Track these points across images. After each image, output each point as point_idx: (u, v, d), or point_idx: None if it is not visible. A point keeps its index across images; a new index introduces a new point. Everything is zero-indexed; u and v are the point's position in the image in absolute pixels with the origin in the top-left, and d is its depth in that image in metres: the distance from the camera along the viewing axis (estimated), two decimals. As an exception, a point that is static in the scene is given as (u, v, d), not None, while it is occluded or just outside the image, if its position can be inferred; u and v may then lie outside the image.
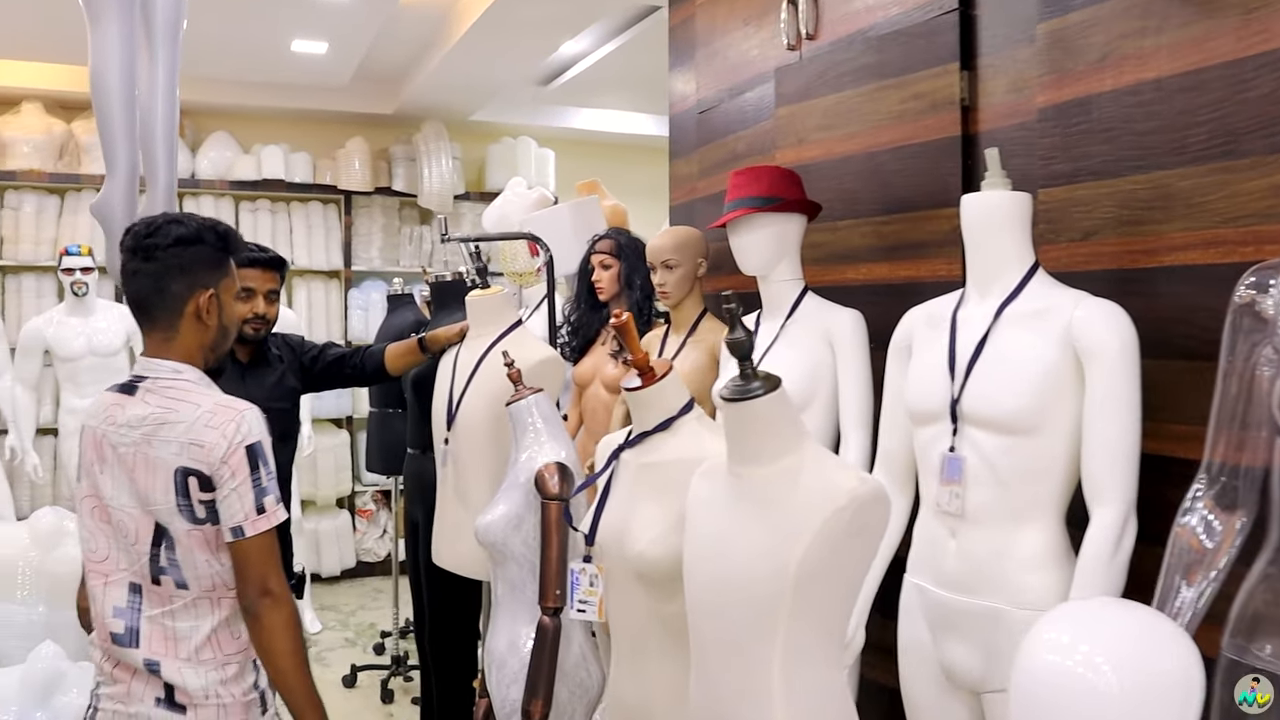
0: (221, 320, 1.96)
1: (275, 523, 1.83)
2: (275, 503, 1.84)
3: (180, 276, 1.90)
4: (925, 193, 2.53)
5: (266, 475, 1.83)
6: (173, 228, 1.91)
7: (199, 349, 1.94)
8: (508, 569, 2.28)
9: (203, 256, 1.92)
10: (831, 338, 2.44)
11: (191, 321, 1.91)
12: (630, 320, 1.77)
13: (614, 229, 3.63)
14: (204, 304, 1.91)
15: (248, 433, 1.82)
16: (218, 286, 1.94)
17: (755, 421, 1.44)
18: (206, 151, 6.34)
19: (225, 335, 2.00)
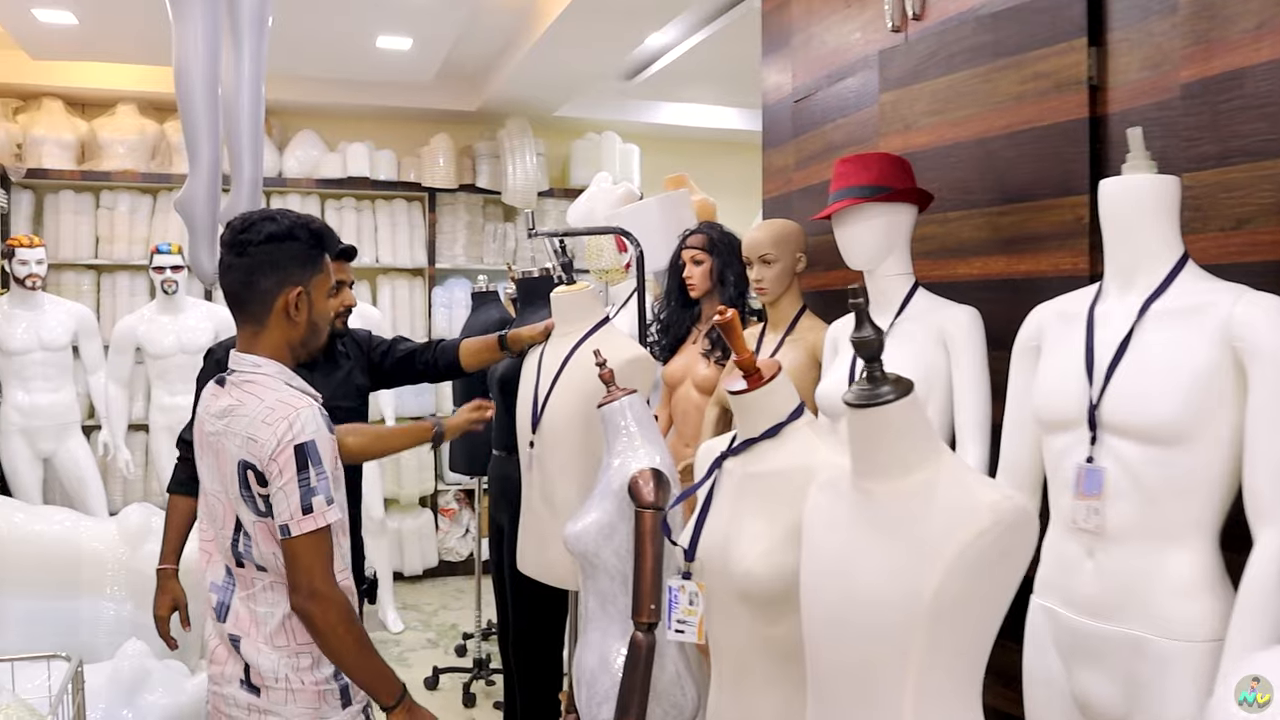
0: (311, 316, 1.98)
1: (322, 524, 1.82)
2: (325, 504, 1.82)
3: (270, 273, 1.92)
4: (1047, 180, 2.34)
5: (317, 475, 1.81)
6: (265, 224, 1.93)
7: (287, 344, 1.96)
8: (598, 580, 2.16)
9: (294, 253, 1.93)
10: (946, 336, 2.27)
11: (280, 317, 1.94)
12: (736, 317, 1.63)
13: (706, 223, 3.49)
14: (293, 300, 1.93)
15: (299, 431, 1.82)
16: (309, 283, 1.96)
17: (886, 430, 1.29)
18: (293, 150, 6.36)
19: (315, 331, 2.00)
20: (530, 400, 2.54)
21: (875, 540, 1.29)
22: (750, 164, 7.18)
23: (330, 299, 2.39)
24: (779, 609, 1.58)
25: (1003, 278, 2.45)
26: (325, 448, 1.84)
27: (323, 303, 2.01)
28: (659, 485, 2.09)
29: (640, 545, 2.06)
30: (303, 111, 6.50)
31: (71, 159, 6.03)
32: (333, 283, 2.06)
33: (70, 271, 6.01)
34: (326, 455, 1.84)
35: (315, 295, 1.98)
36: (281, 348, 1.95)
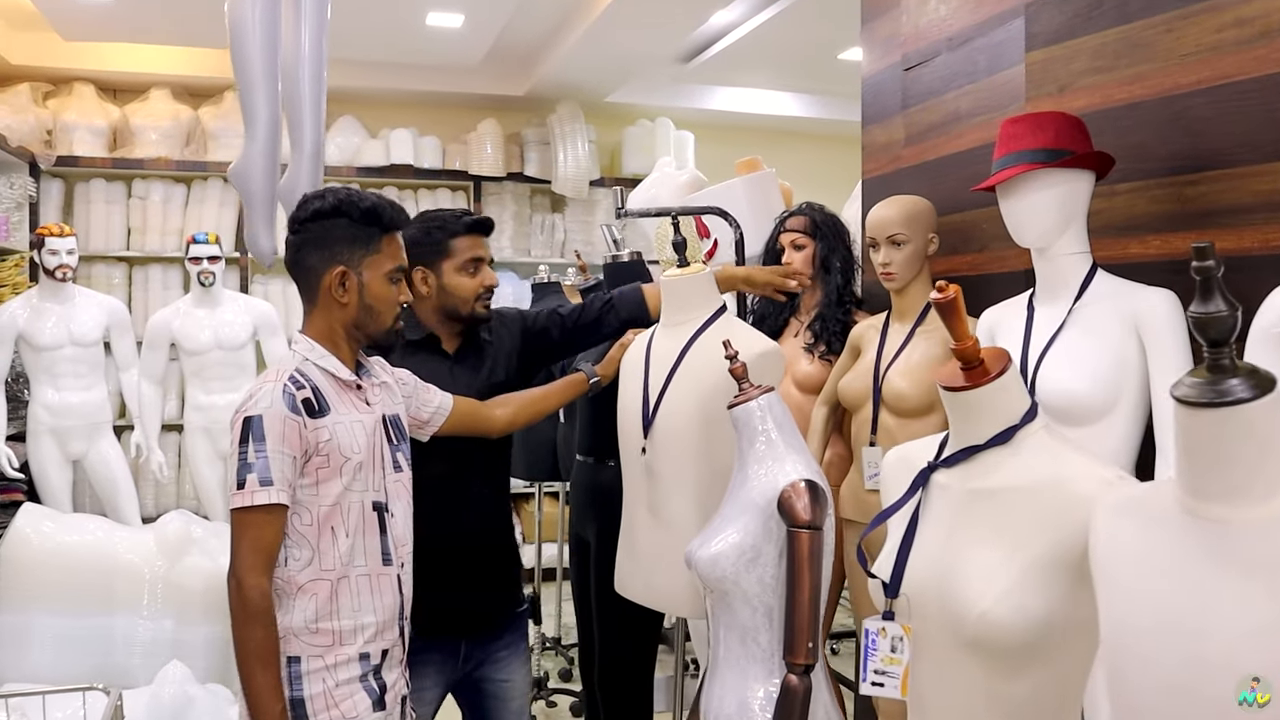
0: (363, 298, 1.90)
1: (248, 503, 1.74)
2: (258, 483, 1.74)
3: (314, 251, 1.88)
4: (1252, 143, 1.99)
5: (256, 452, 1.75)
6: (314, 201, 1.89)
7: (338, 326, 1.90)
8: (737, 612, 1.83)
9: (340, 232, 1.88)
10: (1140, 325, 1.92)
11: (327, 298, 1.89)
12: (960, 295, 1.29)
13: (807, 204, 3.16)
14: (335, 280, 1.87)
15: (253, 405, 1.78)
16: (358, 264, 1.89)
17: (1242, 438, 0.95)
18: (333, 137, 6.06)
19: (372, 315, 1.91)
20: (639, 399, 2.20)
21: (1238, 587, 0.95)
22: (809, 153, 6.93)
23: (466, 277, 2.31)
24: (1021, 661, 1.25)
25: (1191, 258, 2.10)
26: (274, 427, 1.76)
27: (380, 285, 1.91)
28: (815, 500, 1.76)
29: (796, 572, 1.72)
30: (343, 96, 6.18)
31: (103, 146, 5.75)
32: (394, 266, 1.93)
33: (101, 264, 5.74)
34: (273, 435, 1.75)
35: (369, 276, 1.90)
36: (328, 329, 1.90)
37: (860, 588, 2.61)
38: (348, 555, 1.85)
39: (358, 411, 1.90)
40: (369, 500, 1.89)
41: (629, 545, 2.31)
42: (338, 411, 1.85)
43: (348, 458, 1.84)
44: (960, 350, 1.31)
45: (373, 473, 1.89)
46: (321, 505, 1.83)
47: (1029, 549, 1.24)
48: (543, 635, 4.64)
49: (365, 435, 1.88)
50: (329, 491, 1.83)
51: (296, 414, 1.78)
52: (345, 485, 1.84)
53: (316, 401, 1.83)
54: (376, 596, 1.90)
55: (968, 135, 2.81)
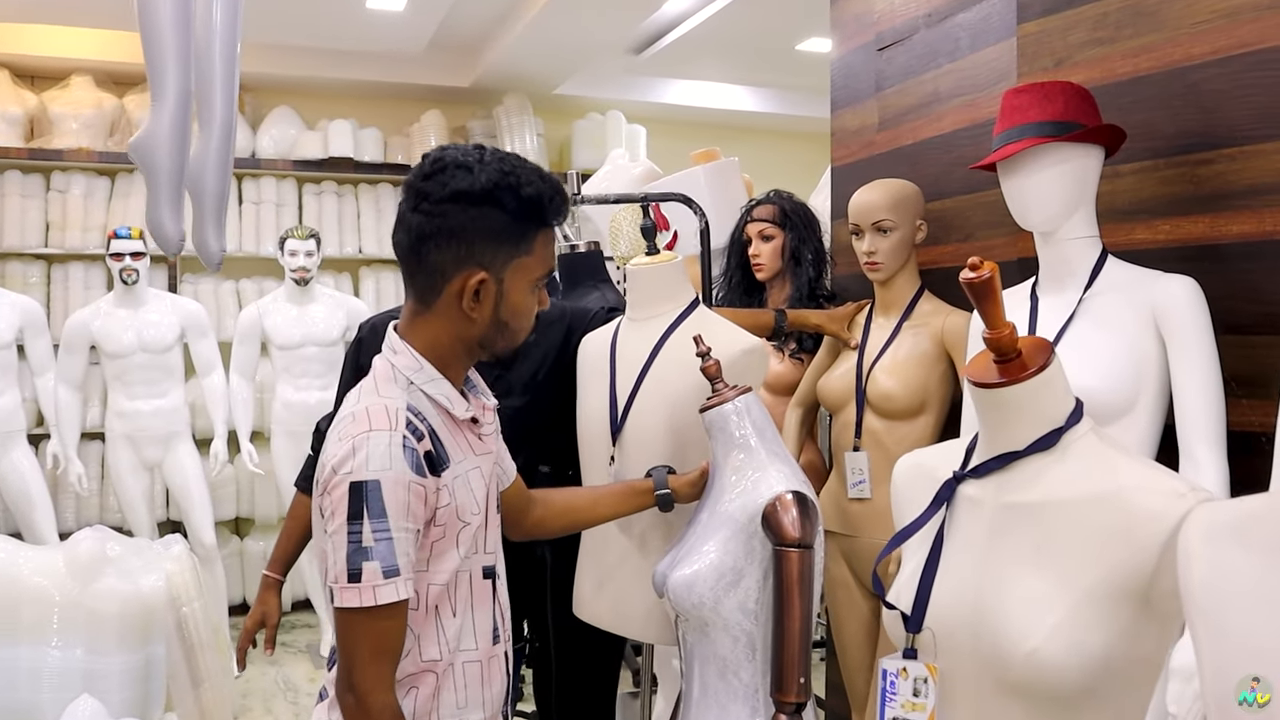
0: (499, 314, 1.43)
1: (370, 603, 1.30)
2: (381, 574, 1.30)
3: (448, 244, 1.38)
4: (1273, 117, 1.82)
5: (375, 533, 1.30)
6: (458, 175, 1.38)
7: (457, 340, 1.44)
8: (715, 642, 1.61)
9: (488, 224, 1.38)
10: (1159, 315, 1.74)
11: (452, 304, 1.41)
12: (996, 273, 1.09)
13: (775, 192, 2.96)
14: (471, 288, 1.39)
15: (362, 464, 1.31)
16: (502, 269, 1.41)
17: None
18: (268, 129, 5.74)
19: (504, 332, 1.46)
20: (605, 403, 1.97)
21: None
22: (766, 149, 6.74)
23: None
24: (1073, 707, 1.05)
25: (1204, 243, 1.93)
26: (397, 497, 1.31)
27: (522, 295, 1.44)
28: (805, 515, 1.54)
29: (785, 597, 1.51)
30: (279, 86, 5.88)
31: (18, 136, 5.37)
32: (544, 272, 1.47)
33: (16, 261, 5.36)
34: (396, 508, 1.31)
35: (511, 284, 1.42)
36: (444, 342, 1.44)
37: (843, 605, 2.40)
38: (455, 639, 1.45)
39: (475, 455, 1.47)
40: (479, 566, 1.49)
41: (593, 566, 2.07)
42: (455, 461, 1.41)
43: (466, 522, 1.43)
44: (996, 340, 1.10)
45: (485, 531, 1.49)
46: (433, 585, 1.41)
47: (1084, 575, 1.04)
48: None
49: (484, 486, 1.48)
50: (444, 568, 1.41)
51: (421, 476, 1.34)
52: (464, 555, 1.43)
53: (437, 453, 1.38)
54: (486, 687, 1.49)
55: (948, 117, 2.62)
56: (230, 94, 2.67)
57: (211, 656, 3.31)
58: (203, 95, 2.57)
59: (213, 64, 2.59)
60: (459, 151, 1.41)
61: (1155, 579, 1.01)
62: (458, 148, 1.43)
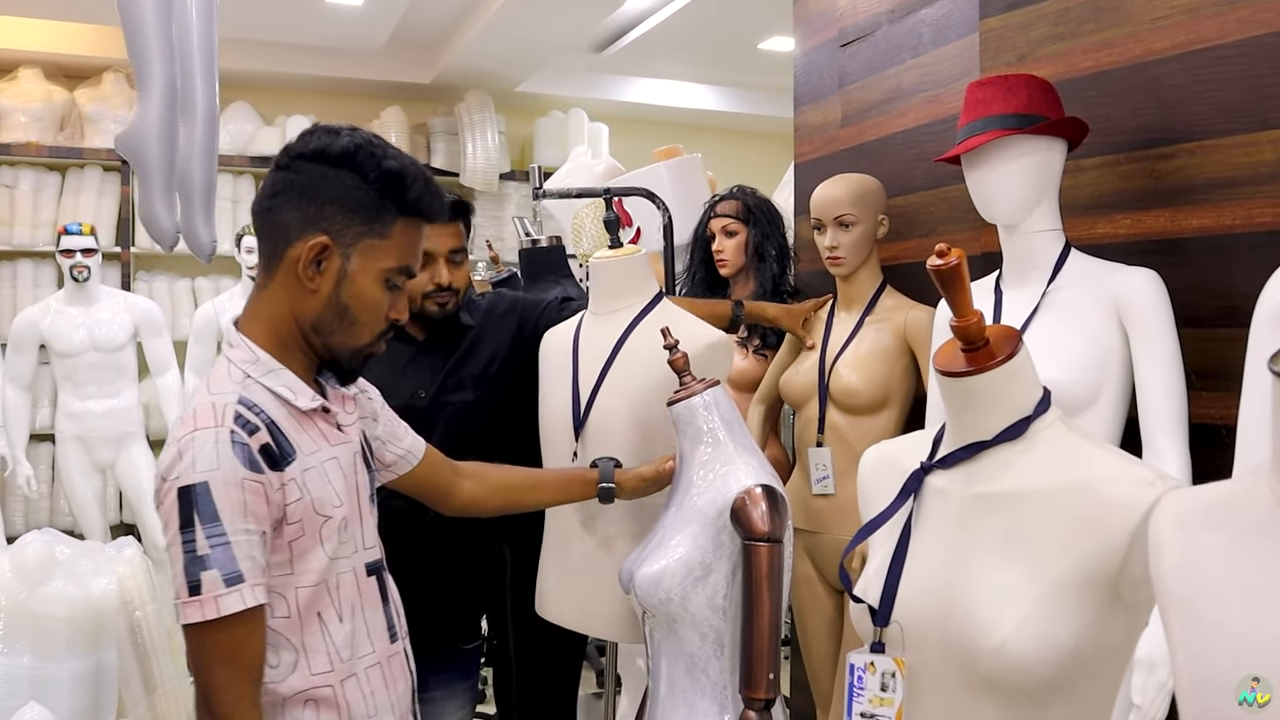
0: (339, 294, 1.32)
1: (215, 614, 1.19)
2: (222, 583, 1.19)
3: (298, 202, 1.30)
4: (1233, 112, 1.83)
5: (210, 539, 1.19)
6: (320, 135, 1.32)
7: (292, 320, 1.33)
8: (683, 639, 1.59)
9: (342, 189, 1.29)
10: (1122, 308, 1.75)
11: (290, 273, 1.31)
12: (964, 260, 1.07)
13: (739, 187, 2.94)
14: (308, 254, 1.29)
15: (189, 467, 1.21)
16: (351, 244, 1.31)
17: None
18: (225, 124, 5.64)
19: (344, 318, 1.33)
20: (568, 397, 1.94)
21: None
22: (729, 147, 6.75)
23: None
24: (1043, 699, 1.04)
25: (1165, 237, 1.94)
26: (229, 496, 1.21)
27: (370, 282, 1.33)
28: (774, 508, 1.53)
29: (754, 592, 1.49)
30: (236, 80, 5.77)
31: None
32: (398, 265, 1.36)
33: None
34: (230, 508, 1.21)
35: (359, 266, 1.32)
36: (281, 324, 1.34)
37: (807, 601, 2.39)
38: (349, 646, 1.35)
39: (330, 444, 1.37)
40: (361, 564, 1.40)
41: (557, 564, 2.04)
42: (304, 452, 1.31)
43: (327, 516, 1.32)
44: (963, 328, 1.09)
45: (360, 525, 1.40)
46: (302, 588, 1.30)
47: (1053, 565, 1.03)
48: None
49: (344, 476, 1.37)
50: (310, 568, 1.31)
51: (257, 470, 1.24)
52: (330, 554, 1.33)
53: (277, 445, 1.27)
54: (391, 688, 1.41)
55: (911, 113, 2.62)
56: (211, 83, 2.64)
57: (165, 662, 3.23)
58: (184, 86, 2.53)
59: (192, 55, 2.55)
60: (343, 126, 1.36)
61: (1124, 568, 1.00)
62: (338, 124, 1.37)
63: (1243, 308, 1.79)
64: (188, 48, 2.56)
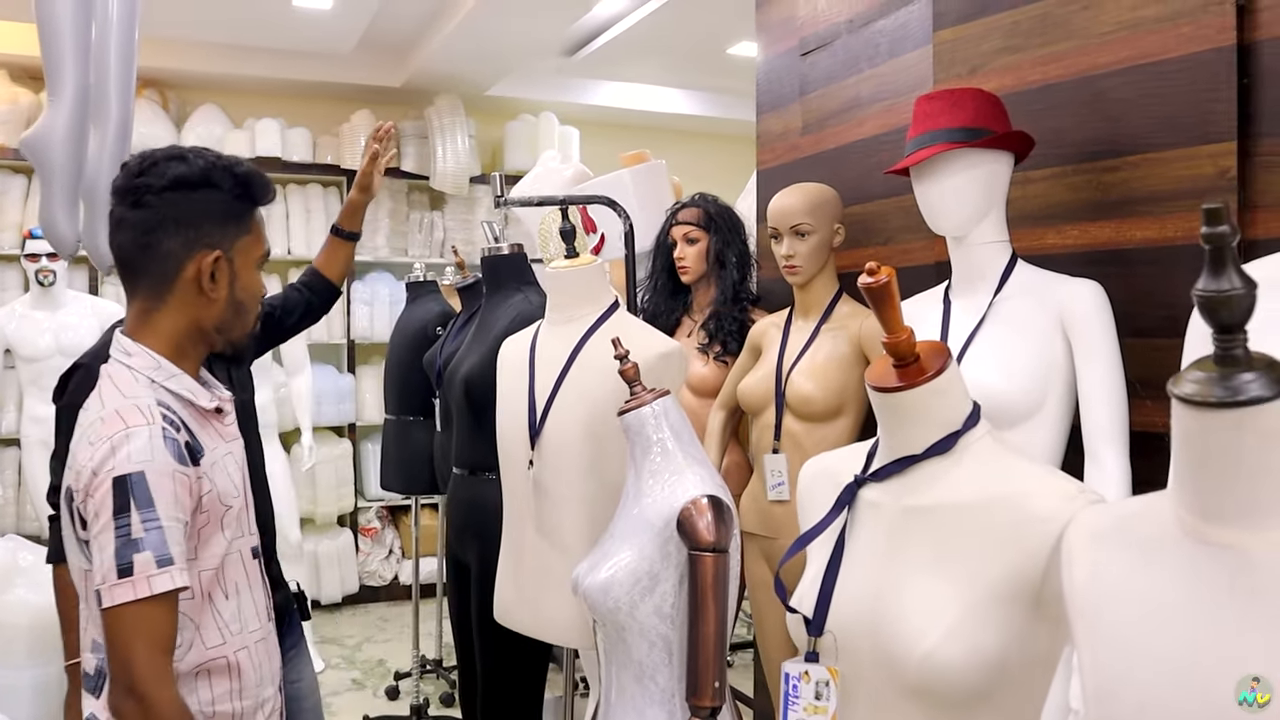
0: (234, 292, 1.50)
1: (145, 593, 1.29)
2: (155, 564, 1.30)
3: (177, 230, 1.44)
4: (1174, 126, 1.87)
5: (144, 522, 1.30)
6: (173, 165, 1.45)
7: (196, 329, 1.48)
8: (632, 647, 1.61)
9: (211, 205, 1.46)
10: (1066, 319, 1.78)
11: (189, 291, 1.46)
12: (894, 278, 1.10)
13: (700, 195, 2.97)
14: (207, 268, 1.45)
15: (124, 459, 1.32)
16: (231, 247, 1.48)
17: (1261, 445, 0.77)
18: (193, 126, 5.63)
19: (240, 313, 1.52)
20: (524, 405, 1.96)
21: (1267, 630, 0.77)
22: (698, 151, 6.77)
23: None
24: (969, 707, 1.07)
25: (1111, 248, 1.98)
26: (163, 486, 1.32)
27: (251, 273, 1.53)
28: (720, 518, 1.55)
29: (699, 601, 1.52)
30: (204, 83, 5.76)
31: (-72, 132, 5.21)
32: (264, 250, 1.57)
33: (-73, 262, 5.19)
34: (164, 497, 1.32)
35: (241, 263, 1.50)
36: (183, 334, 1.48)
37: (765, 605, 2.42)
38: (237, 621, 1.47)
39: (225, 441, 1.51)
40: (247, 547, 1.53)
41: (512, 570, 2.06)
42: (208, 448, 1.45)
43: (229, 506, 1.46)
44: (894, 344, 1.11)
45: (246, 514, 1.53)
46: (204, 571, 1.42)
47: (979, 577, 1.06)
48: (423, 657, 4.35)
49: (239, 469, 1.52)
50: (212, 553, 1.43)
51: (184, 464, 1.36)
52: (229, 540, 1.46)
53: (193, 442, 1.41)
54: (270, 661, 1.54)
55: (870, 122, 2.66)
56: (127, 91, 2.59)
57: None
58: (98, 93, 2.50)
59: (107, 61, 2.52)
60: (164, 151, 1.48)
61: (1045, 581, 1.03)
62: (157, 150, 1.49)
63: (1183, 318, 1.82)
64: (104, 53, 2.52)
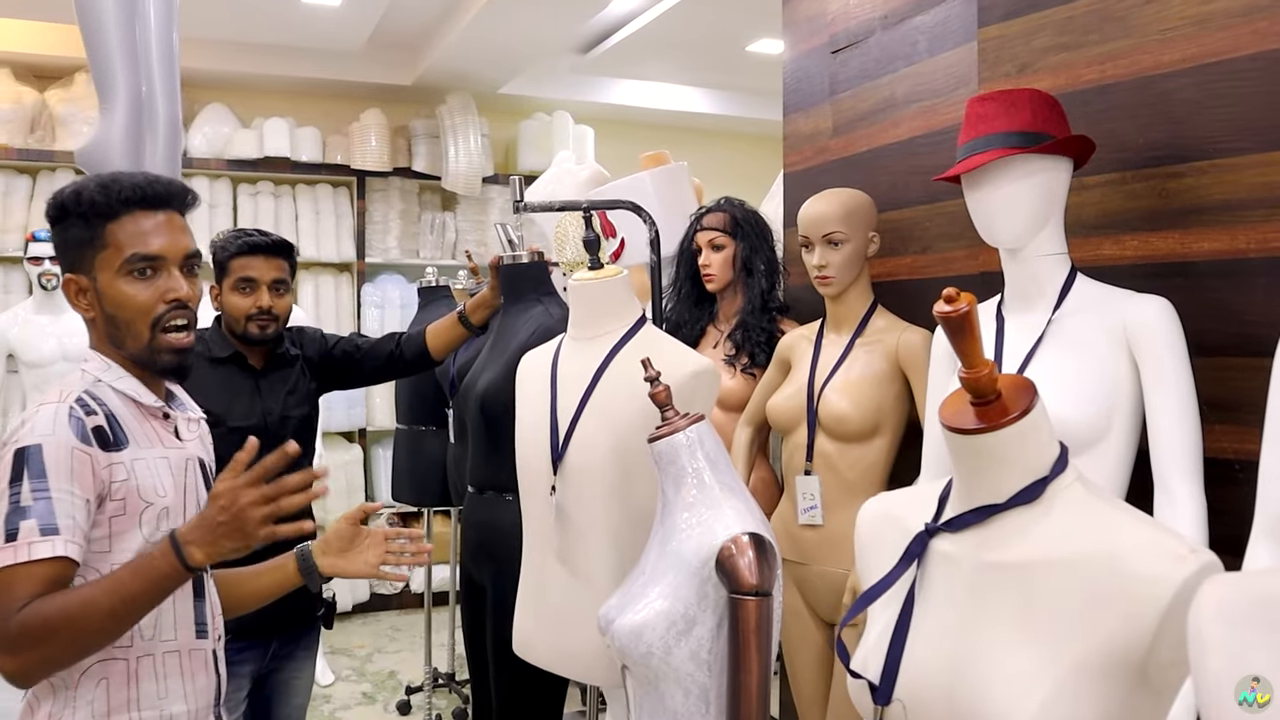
0: (105, 309, 1.51)
1: (27, 558, 1.32)
2: (39, 531, 1.33)
3: (63, 261, 1.53)
4: (1247, 129, 1.74)
5: (34, 492, 1.35)
6: (50, 209, 1.54)
7: (106, 343, 1.53)
8: (666, 695, 1.48)
9: (71, 235, 1.51)
10: (1132, 338, 1.65)
11: (81, 314, 1.54)
12: (974, 307, 0.97)
13: (726, 199, 2.84)
14: (71, 294, 1.52)
15: (27, 433, 1.39)
16: (90, 267, 1.50)
17: None
18: (201, 126, 5.52)
19: (119, 326, 1.50)
20: (547, 427, 1.84)
21: None
22: (717, 151, 6.65)
23: (239, 296, 2.36)
24: (1061, 798, 0.93)
25: (1174, 259, 1.85)
26: (59, 460, 1.37)
27: (115, 285, 1.49)
28: (762, 558, 1.42)
29: (741, 648, 1.39)
30: (212, 82, 5.65)
31: (-68, 132, 5.11)
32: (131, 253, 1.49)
33: (-70, 264, 5.10)
34: (58, 471, 1.37)
35: (104, 280, 1.50)
36: (106, 346, 1.53)
37: (796, 635, 2.29)
38: (151, 627, 1.47)
39: (164, 446, 1.53)
40: None
41: (533, 601, 1.94)
42: (138, 445, 1.48)
43: (150, 502, 1.46)
44: (973, 380, 0.99)
45: (170, 520, 1.50)
46: (114, 563, 1.42)
47: (1073, 645, 0.93)
48: (435, 671, 4.24)
49: (172, 475, 1.51)
50: (126, 546, 1.44)
51: (87, 444, 1.40)
52: (147, 537, 1.45)
53: (112, 431, 1.44)
54: (188, 680, 1.51)
55: (905, 123, 2.53)
56: (172, 91, 2.53)
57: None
58: (147, 96, 2.42)
59: (151, 62, 2.43)
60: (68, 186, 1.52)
61: (1153, 650, 0.91)
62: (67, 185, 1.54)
63: (1257, 336, 1.70)
64: (148, 54, 2.44)
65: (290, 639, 2.39)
